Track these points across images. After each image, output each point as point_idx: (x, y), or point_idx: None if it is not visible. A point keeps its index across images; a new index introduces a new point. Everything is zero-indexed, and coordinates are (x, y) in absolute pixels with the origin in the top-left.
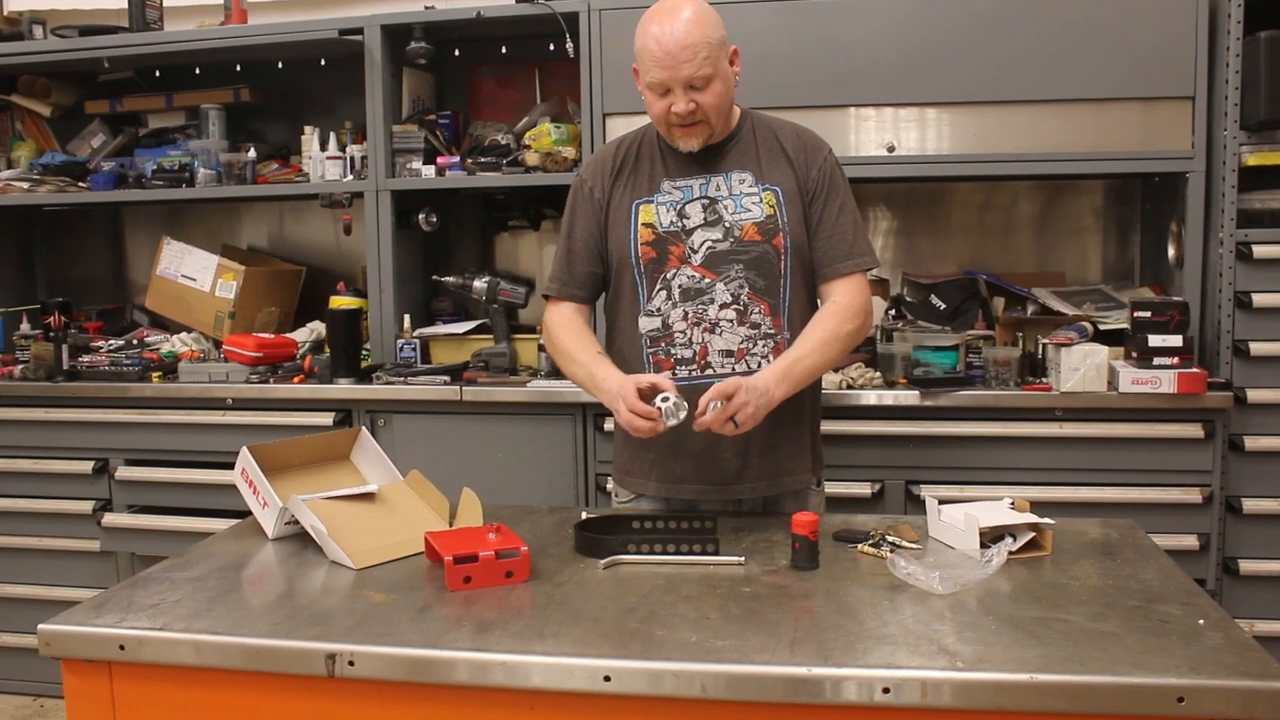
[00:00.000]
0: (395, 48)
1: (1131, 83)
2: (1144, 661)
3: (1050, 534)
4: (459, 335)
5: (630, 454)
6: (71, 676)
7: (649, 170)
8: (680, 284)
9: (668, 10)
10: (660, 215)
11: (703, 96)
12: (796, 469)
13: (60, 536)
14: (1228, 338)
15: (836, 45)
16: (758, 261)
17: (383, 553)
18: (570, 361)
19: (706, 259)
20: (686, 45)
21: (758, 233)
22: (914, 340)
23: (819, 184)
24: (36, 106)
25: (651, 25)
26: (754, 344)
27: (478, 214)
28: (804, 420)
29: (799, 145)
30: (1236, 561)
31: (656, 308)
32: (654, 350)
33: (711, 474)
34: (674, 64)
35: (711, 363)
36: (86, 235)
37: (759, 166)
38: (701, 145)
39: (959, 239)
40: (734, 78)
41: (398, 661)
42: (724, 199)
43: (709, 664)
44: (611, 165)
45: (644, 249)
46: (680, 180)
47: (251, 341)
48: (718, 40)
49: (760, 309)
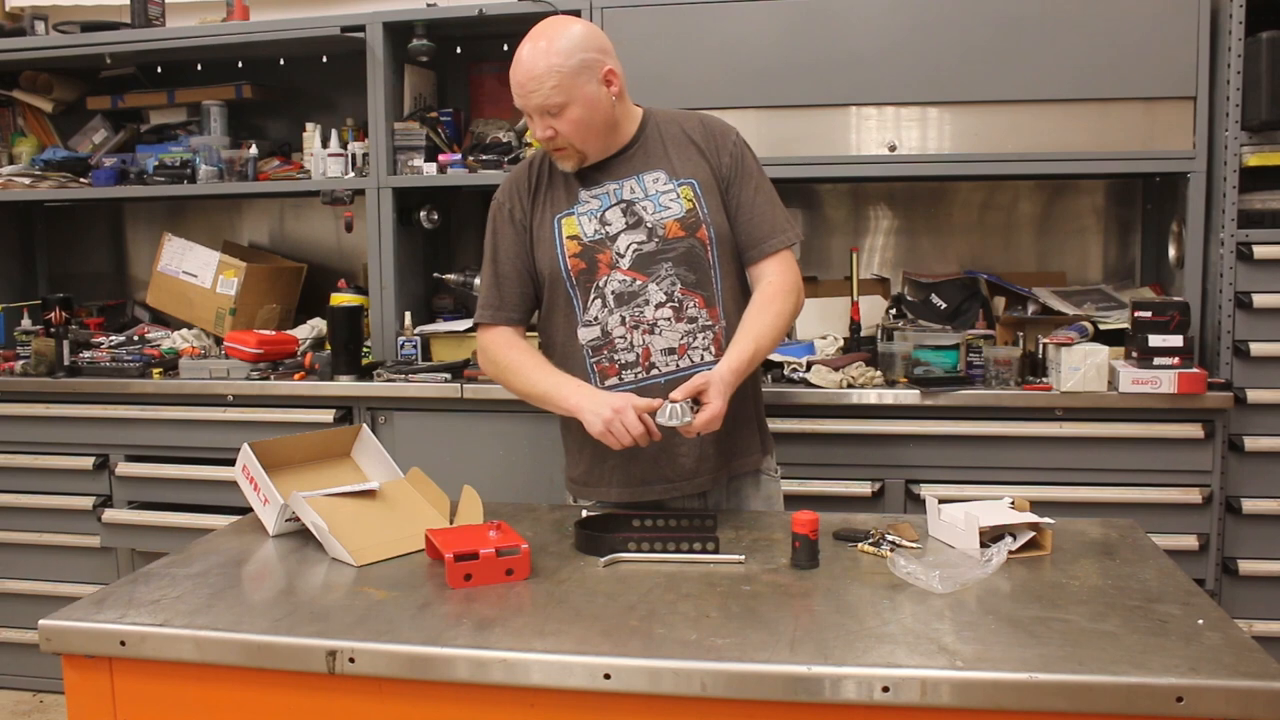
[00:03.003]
0: (397, 45)
1: (1133, 83)
2: (1143, 661)
3: (1050, 533)
4: (460, 333)
5: (588, 464)
6: (72, 672)
7: (564, 184)
8: (613, 290)
9: (531, 37)
10: (583, 225)
11: (558, 123)
12: (748, 449)
13: (61, 532)
14: (1228, 338)
15: (837, 44)
16: (685, 256)
17: (383, 550)
18: (522, 375)
19: (635, 262)
20: (533, 75)
21: (680, 228)
22: (914, 339)
23: (732, 169)
24: (38, 102)
25: (516, 54)
26: (694, 338)
27: (479, 211)
28: (749, 403)
29: (706, 134)
30: (1236, 562)
31: (594, 317)
32: (597, 359)
33: (671, 471)
34: (524, 93)
35: (655, 363)
36: (88, 231)
37: (670, 163)
38: (575, 167)
39: (960, 238)
40: (608, 98)
41: (398, 658)
42: (641, 200)
43: (709, 662)
44: (528, 184)
45: (573, 261)
46: (595, 189)
47: (252, 338)
48: (572, 67)
49: (695, 302)
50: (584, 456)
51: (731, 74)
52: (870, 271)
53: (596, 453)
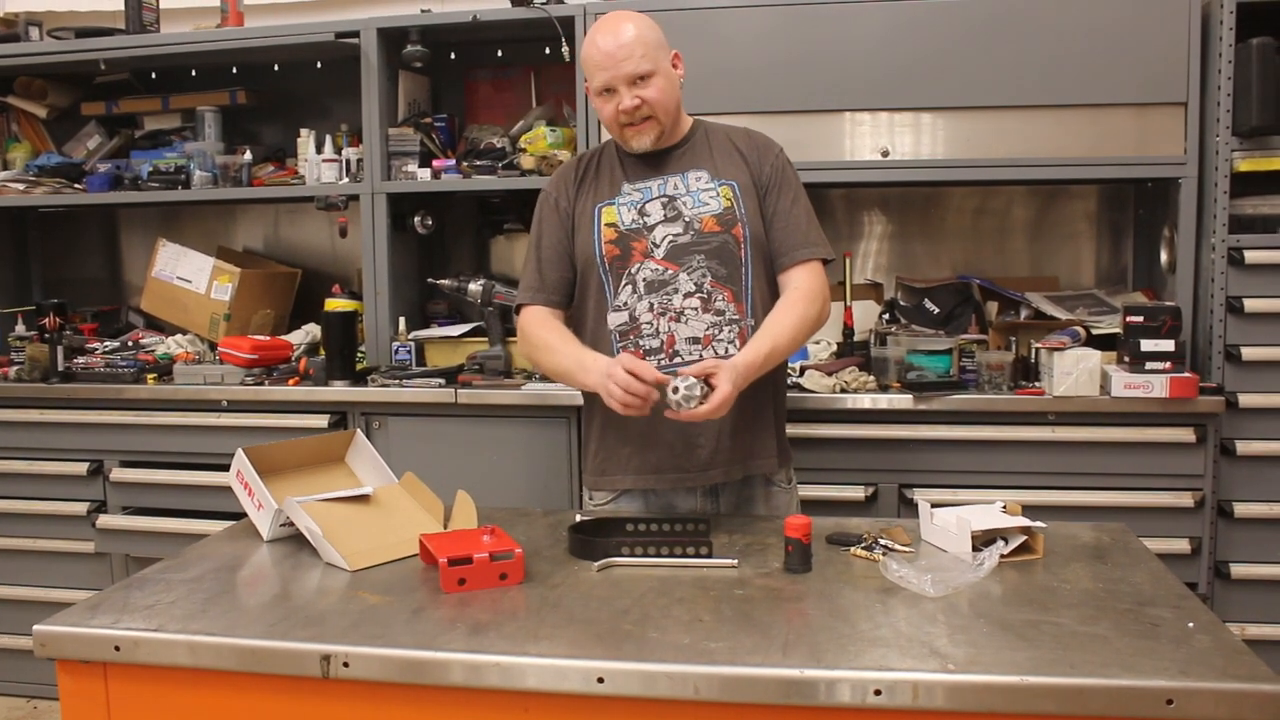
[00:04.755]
0: (391, 51)
1: (1125, 89)
2: (1134, 664)
3: (1042, 537)
4: (454, 338)
5: (606, 453)
6: (66, 677)
7: (609, 177)
8: (644, 277)
9: (606, 19)
10: (622, 215)
11: (646, 91)
12: (764, 452)
13: (55, 538)
14: (1219, 342)
15: (831, 50)
16: (718, 251)
17: (378, 554)
18: (552, 353)
19: (669, 252)
20: (624, 44)
21: (716, 224)
22: (908, 344)
23: (772, 178)
24: (32, 108)
25: (592, 37)
26: (719, 330)
27: (473, 217)
28: (768, 406)
29: (751, 144)
30: (1228, 565)
31: (623, 302)
32: (624, 344)
33: (687, 461)
34: (614, 63)
35: (679, 350)
36: (82, 237)
37: (714, 165)
38: (654, 142)
39: (953, 243)
40: (678, 79)
41: (392, 663)
42: (682, 196)
43: (702, 666)
44: (574, 176)
45: (608, 247)
46: (639, 183)
47: (247, 344)
48: (655, 40)
49: (723, 296)
50: (604, 444)
51: (725, 79)
52: (863, 276)
53: (613, 440)
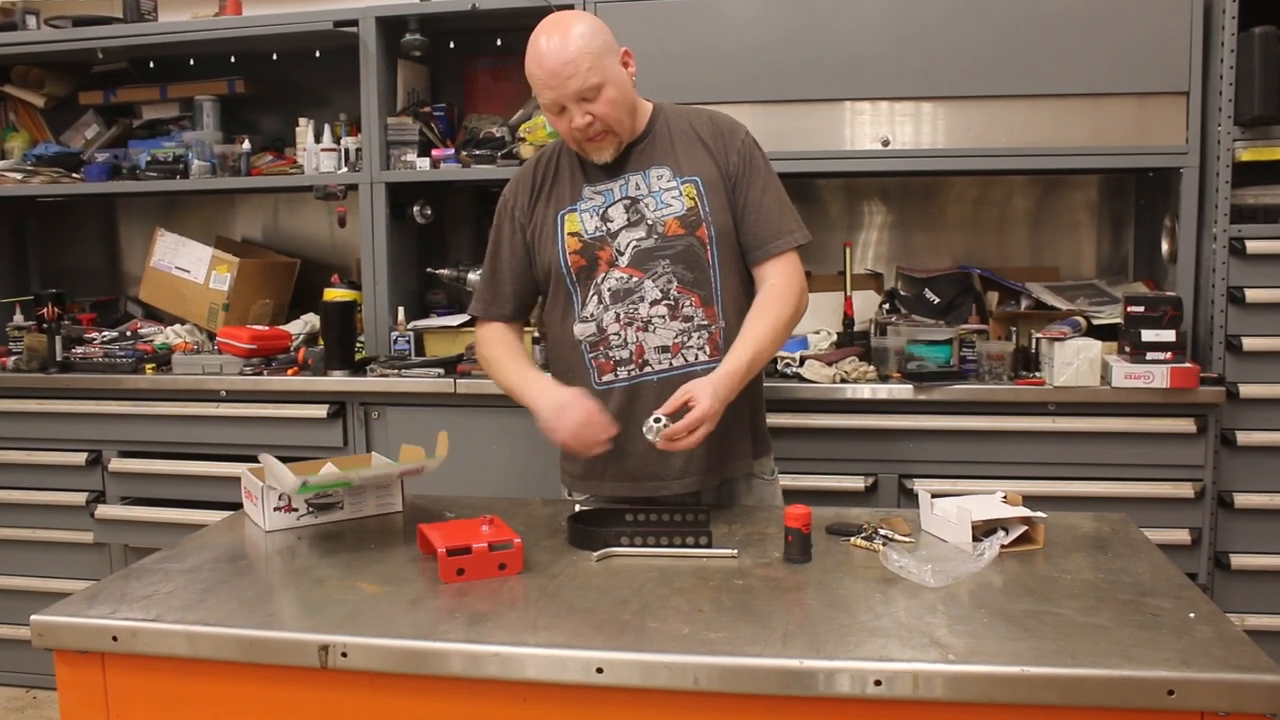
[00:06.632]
0: (390, 40)
1: (1126, 78)
2: (1134, 654)
3: (1042, 528)
4: (453, 328)
5: (584, 459)
6: (64, 667)
7: (569, 179)
8: (610, 287)
9: (545, 31)
10: (585, 222)
11: (596, 106)
12: (740, 454)
13: (53, 528)
14: (1220, 333)
15: (831, 39)
16: (684, 255)
17: (327, 479)
18: (499, 372)
19: (634, 258)
20: (566, 60)
21: (680, 226)
22: (908, 334)
23: (739, 168)
24: (30, 97)
25: (534, 50)
26: (688, 337)
27: (472, 206)
28: (744, 408)
29: (715, 131)
30: (1228, 556)
31: (590, 313)
32: (593, 355)
33: (663, 469)
34: (560, 81)
35: (649, 360)
36: (80, 227)
37: (676, 160)
38: (614, 153)
39: (953, 233)
40: (629, 79)
41: (391, 653)
42: (644, 197)
43: (702, 656)
44: (531, 183)
45: (573, 258)
46: (600, 185)
47: (245, 334)
48: (599, 47)
49: (691, 301)
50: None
51: (725, 69)
52: (864, 266)
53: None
